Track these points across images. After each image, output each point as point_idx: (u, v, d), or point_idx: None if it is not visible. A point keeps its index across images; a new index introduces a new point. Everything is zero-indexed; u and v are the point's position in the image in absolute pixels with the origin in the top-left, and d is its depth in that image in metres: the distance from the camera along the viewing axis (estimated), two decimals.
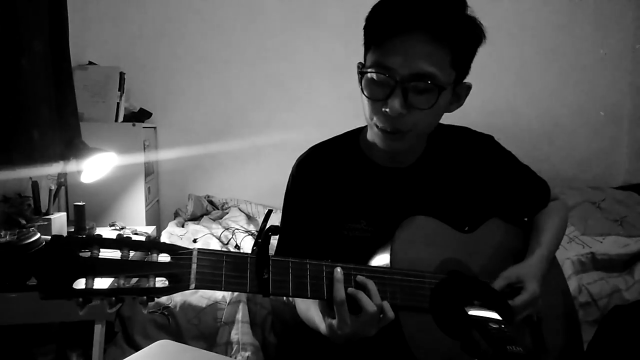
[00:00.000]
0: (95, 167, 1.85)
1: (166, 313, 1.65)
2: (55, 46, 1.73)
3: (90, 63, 2.33)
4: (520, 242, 1.07)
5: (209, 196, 2.71)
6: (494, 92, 2.77)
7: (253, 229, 2.32)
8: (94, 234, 1.31)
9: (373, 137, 0.95)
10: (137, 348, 1.54)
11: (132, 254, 0.65)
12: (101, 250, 0.64)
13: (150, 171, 2.48)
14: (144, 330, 1.64)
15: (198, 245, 2.01)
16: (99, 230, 2.01)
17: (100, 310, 1.50)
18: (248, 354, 1.58)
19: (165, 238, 2.16)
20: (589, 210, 2.32)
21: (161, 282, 0.66)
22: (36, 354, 1.65)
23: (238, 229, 2.26)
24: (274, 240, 0.87)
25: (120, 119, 2.27)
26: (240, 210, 2.61)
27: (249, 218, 2.54)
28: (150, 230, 2.15)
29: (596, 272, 1.94)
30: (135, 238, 0.67)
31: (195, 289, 0.67)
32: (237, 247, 2.12)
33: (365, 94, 0.89)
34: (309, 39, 2.71)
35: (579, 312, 1.78)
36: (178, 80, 2.68)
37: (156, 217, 2.65)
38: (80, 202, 1.95)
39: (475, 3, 0.93)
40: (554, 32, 2.83)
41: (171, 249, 0.68)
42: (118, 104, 2.24)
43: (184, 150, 2.65)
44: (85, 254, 0.63)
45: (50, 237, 0.62)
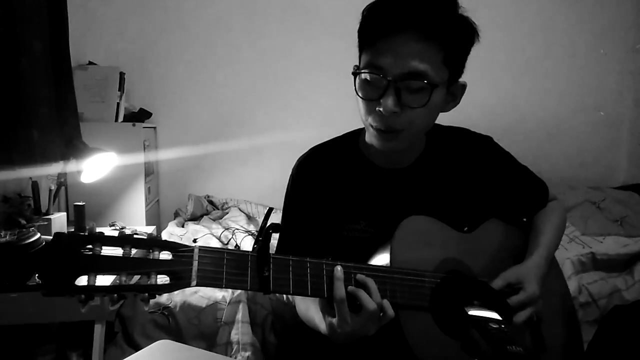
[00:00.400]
0: (95, 167, 1.84)
1: (166, 313, 1.65)
2: (55, 46, 1.73)
3: (90, 63, 2.33)
4: (519, 242, 1.07)
5: (209, 196, 2.70)
6: (494, 92, 2.77)
7: (253, 229, 2.32)
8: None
9: (369, 138, 0.95)
10: (137, 348, 1.53)
11: (134, 251, 0.66)
12: (103, 247, 0.65)
13: (150, 171, 2.48)
14: (144, 330, 1.64)
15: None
16: (99, 230, 2.00)
17: (101, 310, 1.50)
18: (248, 354, 1.58)
19: (165, 238, 2.13)
20: (589, 210, 2.31)
21: (163, 280, 0.66)
22: (36, 354, 1.65)
23: (238, 229, 2.26)
24: (275, 240, 0.87)
25: (120, 119, 2.27)
26: (240, 210, 2.60)
27: (249, 218, 2.54)
28: (150, 230, 2.15)
29: (596, 272, 1.94)
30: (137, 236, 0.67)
31: (196, 286, 0.68)
32: (237, 247, 2.11)
33: (359, 94, 0.90)
34: (310, 39, 2.71)
35: (579, 312, 1.78)
36: (178, 80, 2.67)
37: (156, 217, 2.64)
38: (80, 202, 1.95)
39: (476, 3, 0.93)
40: (554, 32, 2.83)
41: (172, 246, 0.68)
42: (118, 104, 2.24)
43: (184, 150, 2.65)
44: (88, 251, 0.63)
45: (52, 235, 0.63)
